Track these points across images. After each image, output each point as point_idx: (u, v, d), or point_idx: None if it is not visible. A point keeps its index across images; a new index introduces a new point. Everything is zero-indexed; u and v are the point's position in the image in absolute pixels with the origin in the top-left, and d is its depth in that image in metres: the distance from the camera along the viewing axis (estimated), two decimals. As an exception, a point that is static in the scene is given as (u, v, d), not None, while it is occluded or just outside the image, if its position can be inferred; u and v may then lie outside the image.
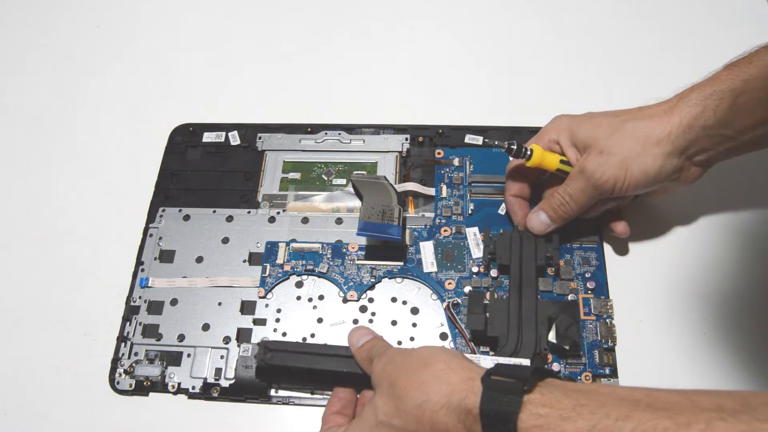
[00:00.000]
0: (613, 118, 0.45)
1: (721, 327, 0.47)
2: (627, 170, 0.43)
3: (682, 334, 0.47)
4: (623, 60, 0.62)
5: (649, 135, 0.43)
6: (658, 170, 0.43)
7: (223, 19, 0.69)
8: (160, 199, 0.56)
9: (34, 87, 0.66)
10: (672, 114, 0.43)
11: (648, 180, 0.44)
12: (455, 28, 0.66)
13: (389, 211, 0.48)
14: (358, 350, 0.42)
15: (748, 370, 0.46)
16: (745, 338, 0.47)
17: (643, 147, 0.43)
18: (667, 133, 0.43)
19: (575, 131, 0.46)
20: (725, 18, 0.64)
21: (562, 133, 0.47)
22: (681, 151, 0.43)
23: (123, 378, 0.48)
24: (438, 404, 0.33)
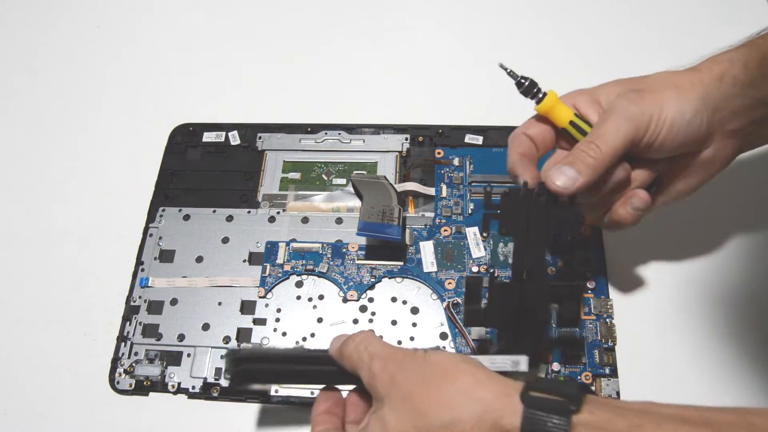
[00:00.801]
0: (637, 78, 0.40)
1: (721, 327, 0.47)
2: (662, 107, 0.37)
3: (682, 333, 0.47)
4: (623, 60, 0.62)
5: (681, 79, 0.39)
6: (692, 115, 0.38)
7: (223, 19, 0.69)
8: (160, 199, 0.56)
9: (34, 87, 0.66)
10: (701, 67, 0.40)
11: (684, 123, 0.38)
12: (455, 27, 0.67)
13: (389, 211, 0.48)
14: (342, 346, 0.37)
15: (748, 370, 0.46)
16: (745, 337, 0.47)
17: (677, 88, 0.38)
18: (699, 79, 0.39)
19: (595, 91, 0.41)
20: (725, 18, 0.64)
21: (578, 95, 0.41)
22: (714, 105, 0.38)
23: (123, 378, 0.48)
24: (469, 424, 0.29)
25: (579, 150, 0.37)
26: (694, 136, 0.39)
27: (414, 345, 0.47)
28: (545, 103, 0.40)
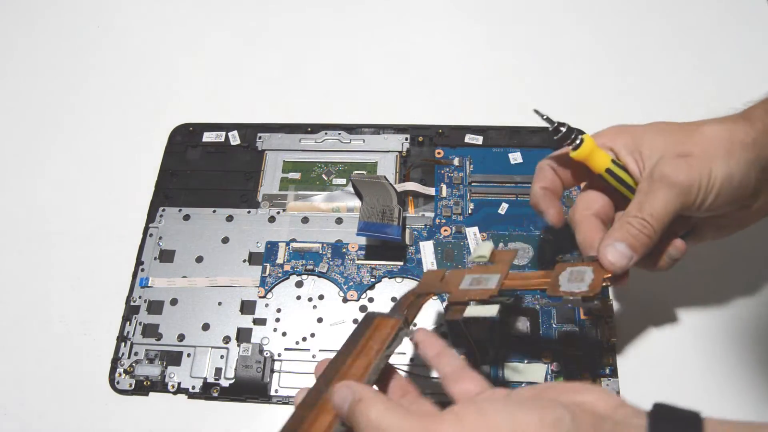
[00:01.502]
0: (683, 125, 0.38)
1: (722, 326, 0.47)
2: (711, 173, 0.36)
3: (683, 333, 0.47)
4: (622, 60, 0.62)
5: (732, 139, 0.37)
6: (742, 177, 0.36)
7: (223, 19, 0.69)
8: (160, 199, 0.56)
9: (34, 87, 0.66)
10: (753, 117, 0.38)
11: (732, 187, 0.36)
12: (455, 27, 0.67)
13: (389, 211, 0.48)
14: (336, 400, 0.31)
15: (748, 370, 0.46)
16: (746, 338, 0.47)
17: (727, 150, 0.36)
18: (752, 139, 0.37)
19: (637, 138, 0.38)
20: (725, 18, 0.64)
21: (617, 137, 0.39)
22: (764, 166, 0.37)
23: (123, 378, 0.48)
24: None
25: (631, 227, 0.37)
26: (742, 197, 0.38)
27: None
28: (582, 150, 0.38)
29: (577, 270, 0.37)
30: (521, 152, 0.55)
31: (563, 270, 0.37)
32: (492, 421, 0.27)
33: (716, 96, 0.59)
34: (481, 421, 0.27)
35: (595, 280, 0.36)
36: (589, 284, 0.36)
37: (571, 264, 0.37)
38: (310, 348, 0.48)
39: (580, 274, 0.36)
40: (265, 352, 0.48)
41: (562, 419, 0.27)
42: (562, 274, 0.37)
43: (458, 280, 0.40)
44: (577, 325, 0.47)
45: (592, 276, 0.36)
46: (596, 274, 0.36)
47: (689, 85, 0.60)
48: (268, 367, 0.47)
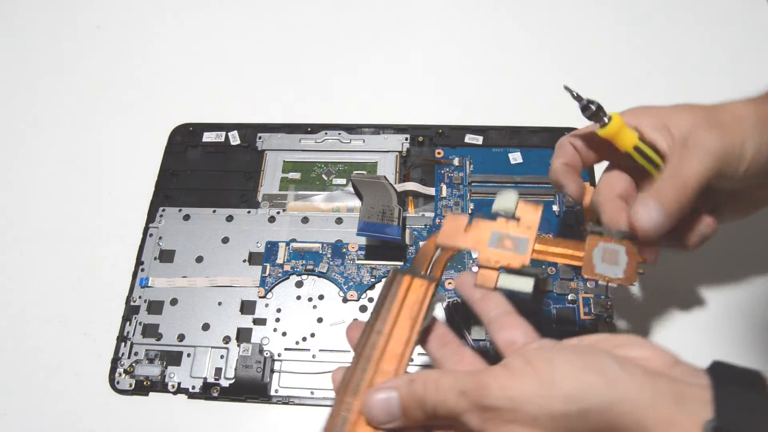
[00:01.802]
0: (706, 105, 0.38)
1: (722, 326, 0.47)
2: (743, 143, 0.36)
3: (683, 333, 0.47)
4: (622, 60, 0.62)
5: (759, 113, 0.37)
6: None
7: (223, 19, 0.69)
8: (160, 199, 0.56)
9: (34, 87, 0.66)
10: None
11: (760, 160, 0.36)
12: (455, 27, 0.67)
13: (389, 211, 0.48)
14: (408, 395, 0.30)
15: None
16: (746, 337, 0.47)
17: (755, 123, 0.36)
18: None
19: (663, 116, 0.38)
20: (725, 18, 0.64)
21: (642, 116, 0.38)
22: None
23: (123, 378, 0.48)
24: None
25: (666, 187, 0.36)
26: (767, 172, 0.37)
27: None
28: (610, 127, 0.38)
29: (611, 249, 0.36)
30: (521, 152, 0.55)
31: (595, 245, 0.36)
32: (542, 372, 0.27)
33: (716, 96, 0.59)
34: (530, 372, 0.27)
35: (630, 266, 0.35)
36: (624, 270, 0.35)
37: (604, 238, 0.36)
38: (310, 348, 0.48)
39: (613, 255, 0.36)
40: (265, 352, 0.48)
41: (609, 367, 0.26)
42: (595, 250, 0.36)
43: (485, 235, 0.37)
44: (577, 326, 0.47)
45: (627, 259, 0.36)
46: (630, 257, 0.36)
47: (689, 85, 0.60)
48: (268, 367, 0.47)
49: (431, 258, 0.38)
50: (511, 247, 0.36)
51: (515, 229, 0.37)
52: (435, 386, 0.29)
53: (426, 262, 0.37)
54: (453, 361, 0.33)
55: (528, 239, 0.37)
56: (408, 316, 0.34)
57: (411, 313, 0.34)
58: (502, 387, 0.27)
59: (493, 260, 0.36)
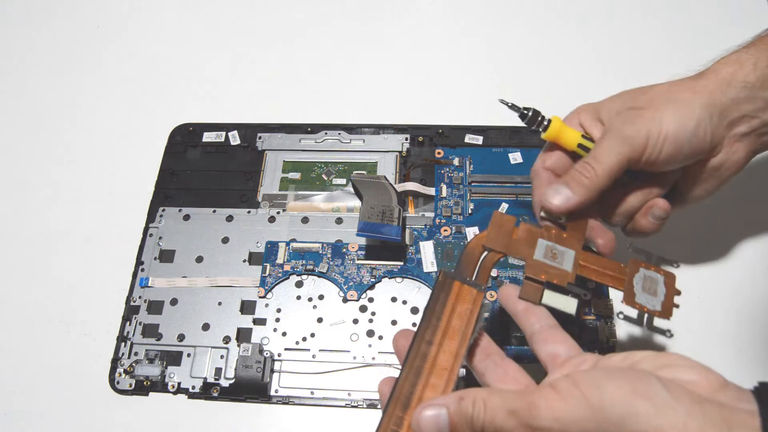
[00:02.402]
0: (639, 88, 0.40)
1: (721, 326, 0.47)
2: (662, 123, 0.37)
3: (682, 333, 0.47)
4: (622, 60, 0.62)
5: (682, 90, 0.38)
6: (695, 125, 0.37)
7: (223, 19, 0.69)
8: (160, 199, 0.56)
9: (34, 87, 0.66)
10: (706, 73, 0.39)
11: (686, 136, 0.37)
12: (455, 27, 0.67)
13: (389, 211, 0.48)
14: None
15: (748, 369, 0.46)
16: (746, 337, 0.47)
17: (676, 101, 0.38)
18: (703, 86, 0.38)
19: (598, 107, 0.40)
20: (725, 18, 0.64)
21: (583, 112, 0.41)
22: (720, 112, 0.38)
23: (123, 378, 0.48)
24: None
25: (574, 170, 0.38)
26: (700, 147, 0.38)
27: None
28: (551, 130, 0.40)
29: (650, 276, 0.37)
30: (521, 152, 0.55)
31: (637, 270, 0.37)
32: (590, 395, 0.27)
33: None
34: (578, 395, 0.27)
35: (668, 299, 0.37)
36: (662, 303, 0.37)
37: (645, 265, 0.38)
38: (310, 348, 0.48)
39: (653, 283, 0.37)
40: (265, 352, 0.48)
41: (657, 393, 0.25)
42: (636, 275, 0.37)
43: (532, 244, 0.37)
44: (577, 326, 0.47)
45: (665, 291, 0.37)
46: (668, 289, 0.37)
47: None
48: (268, 367, 0.47)
49: (478, 260, 0.37)
50: (557, 260, 0.37)
51: (562, 240, 0.38)
52: (484, 405, 0.29)
53: (473, 265, 0.37)
54: (496, 374, 0.33)
55: (573, 253, 0.37)
56: (458, 328, 0.34)
57: (461, 325, 0.34)
58: (550, 409, 0.27)
59: (540, 274, 0.36)
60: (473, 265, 0.37)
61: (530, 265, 0.37)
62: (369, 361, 0.47)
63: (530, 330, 0.34)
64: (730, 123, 0.39)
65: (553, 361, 0.32)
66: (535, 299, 0.36)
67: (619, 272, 0.37)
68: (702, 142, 0.38)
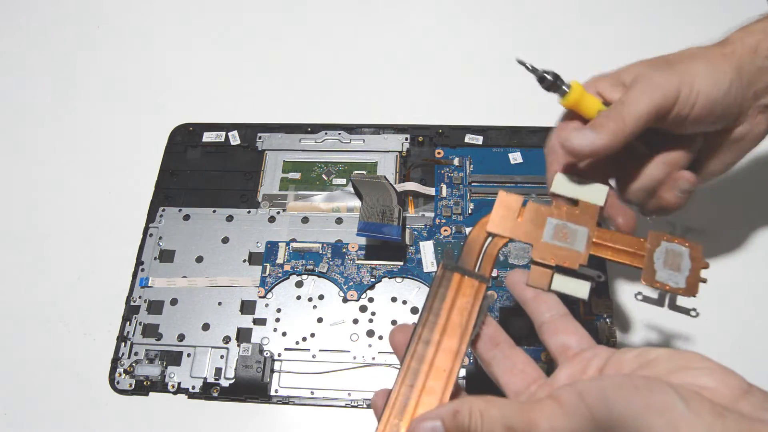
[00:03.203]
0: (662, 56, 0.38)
1: (721, 326, 0.47)
2: (695, 77, 0.35)
3: (682, 332, 0.47)
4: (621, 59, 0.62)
5: (712, 51, 0.37)
6: (728, 86, 0.35)
7: (223, 19, 0.69)
8: (160, 199, 0.56)
9: (34, 87, 0.66)
10: (733, 39, 0.38)
11: (719, 95, 0.35)
12: (455, 27, 0.67)
13: (389, 211, 0.48)
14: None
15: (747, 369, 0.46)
16: (745, 336, 0.47)
17: (708, 59, 0.36)
18: (731, 50, 0.37)
19: (619, 72, 0.38)
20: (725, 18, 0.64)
21: (600, 80, 0.38)
22: (748, 80, 0.36)
23: (123, 378, 0.48)
24: None
25: (600, 115, 0.35)
26: (731, 110, 0.36)
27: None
28: (571, 96, 0.36)
29: (674, 250, 0.34)
30: (521, 152, 0.55)
31: (658, 244, 0.34)
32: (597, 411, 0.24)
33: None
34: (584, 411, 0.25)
35: (694, 273, 0.33)
36: (687, 278, 0.33)
37: (667, 237, 0.34)
38: (310, 348, 0.48)
39: (677, 258, 0.34)
40: (265, 352, 0.48)
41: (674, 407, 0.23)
42: (657, 250, 0.34)
43: (540, 224, 0.35)
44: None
45: (690, 265, 0.33)
46: (694, 263, 0.33)
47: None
48: (268, 367, 0.47)
49: (481, 248, 0.35)
50: (568, 241, 0.34)
51: (572, 216, 0.35)
52: (480, 418, 0.27)
53: (476, 254, 0.34)
54: (504, 366, 0.32)
55: (587, 230, 0.34)
56: (457, 325, 0.32)
57: (460, 321, 0.32)
58: (552, 429, 0.25)
59: (549, 257, 0.34)
60: (476, 255, 0.34)
61: (538, 248, 0.34)
62: (369, 361, 0.47)
63: (540, 319, 0.32)
64: (755, 93, 0.37)
65: (563, 353, 0.31)
66: (543, 285, 0.33)
67: (638, 248, 0.34)
68: (733, 104, 0.36)
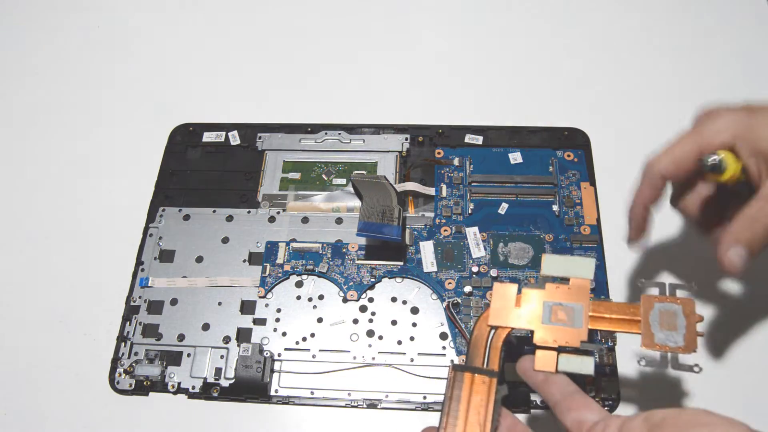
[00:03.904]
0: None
1: (721, 326, 0.47)
2: None
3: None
4: (621, 59, 0.62)
5: None
6: None
7: (223, 19, 0.69)
8: (160, 199, 0.56)
9: (34, 87, 0.66)
10: None
11: None
12: (455, 27, 0.67)
13: (389, 211, 0.48)
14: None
15: (746, 368, 0.46)
16: (745, 338, 0.47)
17: None
18: None
19: (756, 134, 0.36)
20: (725, 18, 0.64)
21: (738, 136, 0.36)
22: None
23: (123, 378, 0.48)
24: None
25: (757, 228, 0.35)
26: None
27: (414, 344, 0.47)
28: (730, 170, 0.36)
29: (667, 309, 0.35)
30: (521, 152, 0.55)
31: (651, 307, 0.35)
32: None
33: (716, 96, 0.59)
34: None
35: (690, 330, 0.34)
36: (684, 336, 0.34)
37: (658, 299, 0.36)
38: (310, 348, 0.48)
39: (671, 317, 0.35)
40: (265, 352, 0.48)
41: None
42: (651, 313, 0.35)
43: (537, 307, 0.37)
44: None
45: (685, 321, 0.35)
46: (688, 318, 0.35)
47: (689, 84, 0.60)
48: (268, 367, 0.47)
49: (486, 343, 0.37)
50: (566, 320, 0.36)
51: (566, 295, 0.36)
52: None
53: (482, 350, 0.37)
54: None
55: (582, 306, 0.36)
56: (476, 423, 0.34)
57: (479, 419, 0.34)
58: None
59: (551, 340, 0.35)
60: (483, 350, 0.37)
61: (539, 333, 0.36)
62: (369, 361, 0.47)
63: (553, 400, 0.34)
64: None
65: (578, 428, 0.32)
66: (551, 368, 0.35)
67: (633, 314, 0.36)
68: None
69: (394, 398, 0.46)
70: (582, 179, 0.54)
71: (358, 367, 0.47)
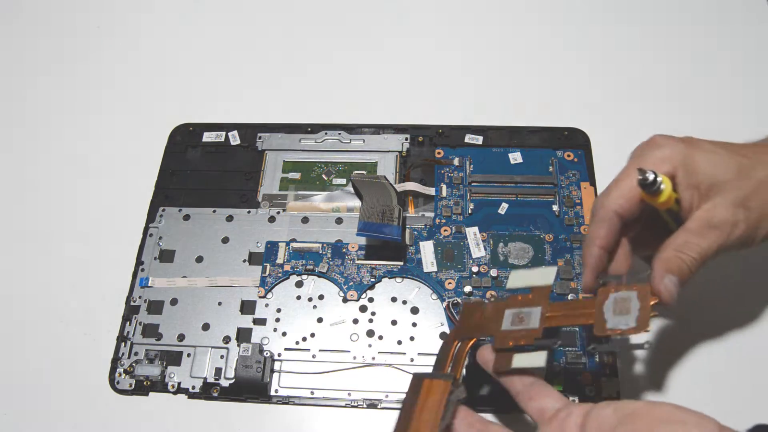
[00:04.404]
0: (735, 157, 0.37)
1: (721, 326, 0.47)
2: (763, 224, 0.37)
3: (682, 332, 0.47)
4: (620, 59, 0.62)
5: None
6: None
7: (223, 19, 0.69)
8: (160, 199, 0.56)
9: (34, 87, 0.66)
10: None
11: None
12: (455, 27, 0.67)
13: (389, 211, 0.48)
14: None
15: (746, 368, 0.46)
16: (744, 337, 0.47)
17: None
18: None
19: (693, 168, 0.37)
20: (725, 18, 0.64)
21: (678, 166, 0.37)
22: None
23: (123, 378, 0.48)
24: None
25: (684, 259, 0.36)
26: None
27: (414, 345, 0.47)
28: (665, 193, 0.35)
29: (621, 297, 0.35)
30: (521, 152, 0.56)
31: (606, 298, 0.35)
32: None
33: (716, 96, 0.59)
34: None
35: (643, 312, 0.34)
36: (637, 318, 0.34)
37: (615, 287, 0.36)
38: (310, 348, 0.48)
39: (625, 303, 0.35)
40: (265, 352, 0.48)
41: None
42: (605, 303, 0.35)
43: (499, 317, 0.38)
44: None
45: (639, 304, 0.34)
46: (642, 302, 0.34)
47: (688, 85, 0.60)
48: (268, 367, 0.47)
49: (451, 354, 0.39)
50: (524, 323, 0.37)
51: (528, 302, 0.38)
52: None
53: (447, 360, 0.38)
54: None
55: (540, 308, 0.37)
56: (427, 421, 0.35)
57: (430, 417, 0.35)
58: None
59: (507, 342, 0.37)
60: (448, 360, 0.39)
61: (498, 337, 0.38)
62: (369, 361, 0.47)
63: (514, 390, 0.36)
64: None
65: (541, 416, 0.33)
66: (507, 368, 0.36)
67: (590, 308, 0.36)
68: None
69: (394, 398, 0.46)
70: (582, 179, 0.54)
71: (358, 367, 0.47)
